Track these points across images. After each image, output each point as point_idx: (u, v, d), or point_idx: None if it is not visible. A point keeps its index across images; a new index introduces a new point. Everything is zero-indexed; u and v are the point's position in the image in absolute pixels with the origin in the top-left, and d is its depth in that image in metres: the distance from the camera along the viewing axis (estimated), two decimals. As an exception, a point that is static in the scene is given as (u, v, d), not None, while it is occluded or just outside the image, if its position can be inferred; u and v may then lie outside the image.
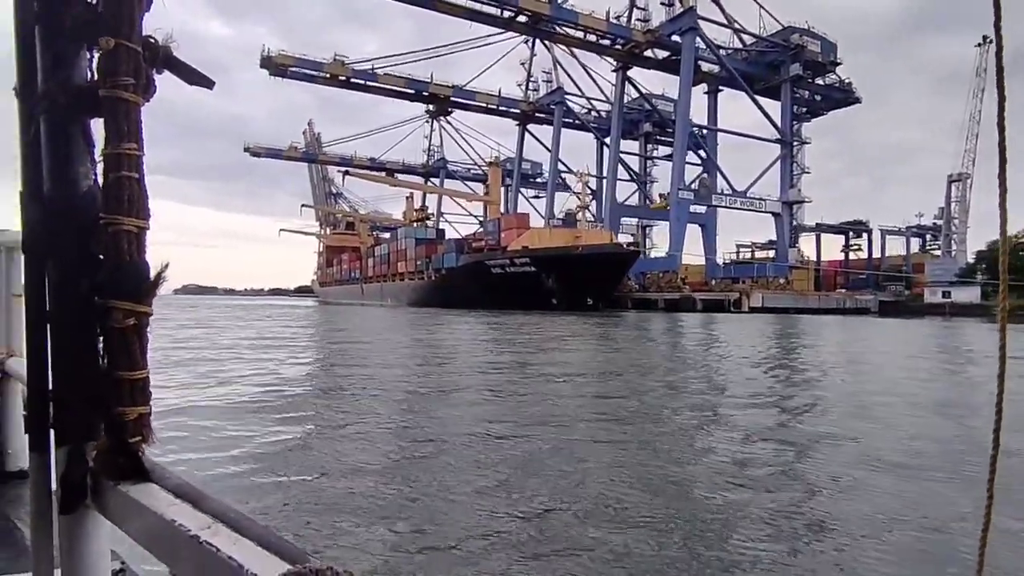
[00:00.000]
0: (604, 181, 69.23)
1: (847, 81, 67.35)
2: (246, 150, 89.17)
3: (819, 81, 65.60)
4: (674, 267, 56.15)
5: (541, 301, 48.73)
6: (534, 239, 52.16)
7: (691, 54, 56.23)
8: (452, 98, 73.69)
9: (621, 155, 67.49)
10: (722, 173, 59.95)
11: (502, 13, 55.59)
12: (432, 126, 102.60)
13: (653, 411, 7.81)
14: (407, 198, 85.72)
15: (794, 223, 62.70)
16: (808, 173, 62.25)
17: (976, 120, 62.36)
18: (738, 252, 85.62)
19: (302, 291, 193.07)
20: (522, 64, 79.93)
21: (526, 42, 77.59)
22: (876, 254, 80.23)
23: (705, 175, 62.81)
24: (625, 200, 69.92)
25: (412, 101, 74.21)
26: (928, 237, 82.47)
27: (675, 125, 73.20)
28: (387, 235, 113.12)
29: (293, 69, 63.46)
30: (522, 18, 55.99)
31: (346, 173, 66.79)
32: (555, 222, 64.38)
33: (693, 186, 60.26)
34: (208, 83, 0.99)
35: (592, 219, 63.40)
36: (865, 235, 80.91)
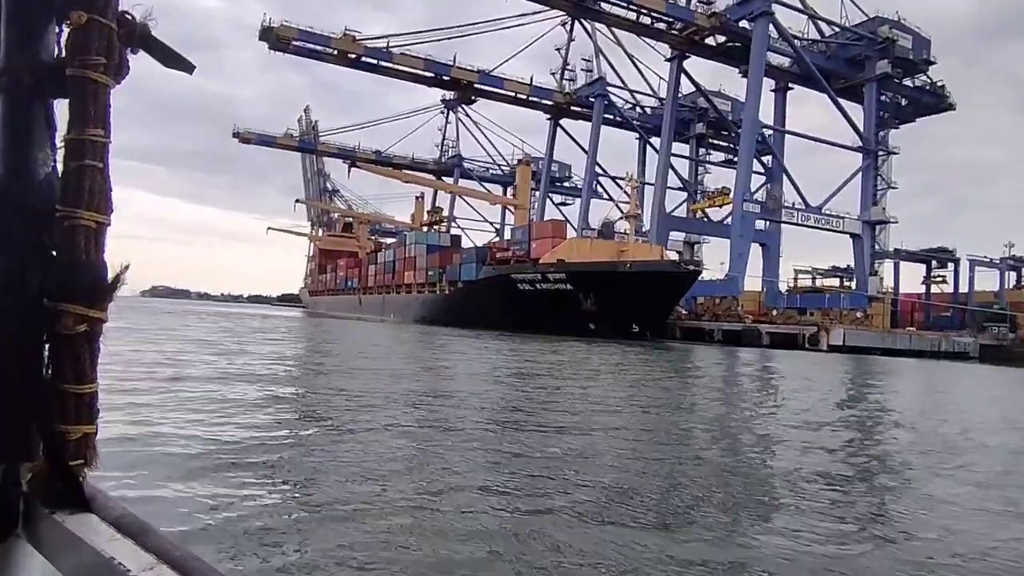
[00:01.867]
0: (646, 188, 67.08)
1: (939, 84, 65.13)
2: (235, 135, 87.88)
3: (906, 82, 63.37)
4: (735, 292, 53.83)
5: (577, 325, 46.85)
6: (571, 251, 50.16)
7: (763, 42, 54.28)
8: (477, 84, 71.97)
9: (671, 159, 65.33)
10: (794, 184, 57.76)
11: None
12: (448, 117, 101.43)
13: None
14: (417, 198, 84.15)
15: (875, 247, 60.09)
16: (895, 188, 59.90)
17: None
18: (796, 278, 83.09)
19: (287, 300, 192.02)
20: (557, 50, 78.45)
21: (563, 24, 76.31)
22: (962, 287, 77.31)
23: (768, 186, 60.56)
24: (672, 211, 67.66)
25: (430, 86, 72.60)
26: (1024, 270, 79.55)
27: (736, 126, 71.99)
28: (390, 240, 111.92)
29: (297, 43, 61.98)
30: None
31: (352, 165, 65.02)
32: (589, 233, 62.35)
33: (757, 197, 57.99)
34: (187, 67, 0.99)
35: (635, 231, 61.34)
36: (951, 265, 78.05)
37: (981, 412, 14.95)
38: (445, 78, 70.67)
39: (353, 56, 64.33)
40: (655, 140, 73.61)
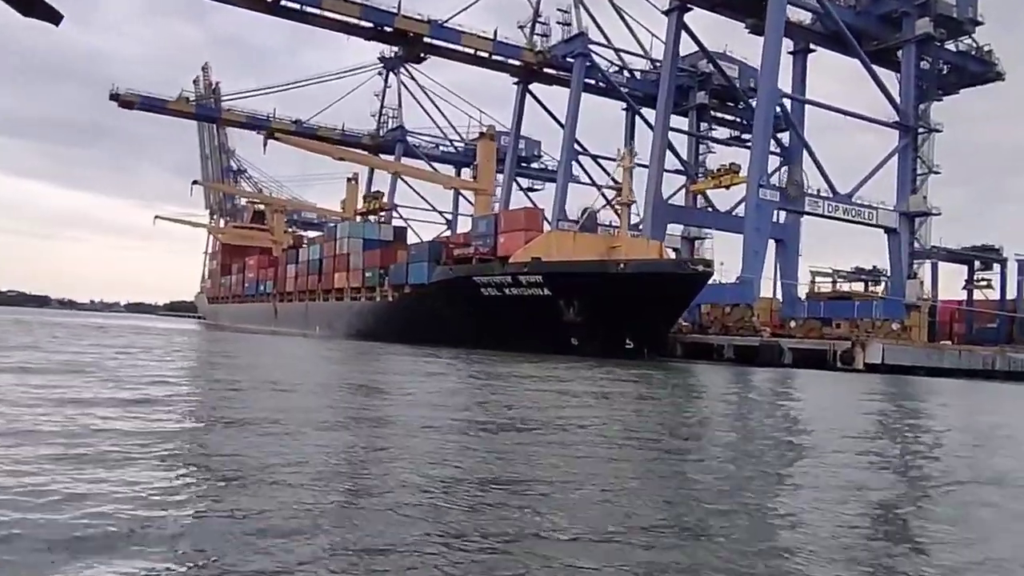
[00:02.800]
0: (636, 171, 66.56)
1: (987, 48, 66.43)
2: (113, 97, 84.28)
3: (948, 46, 64.41)
4: (749, 299, 53.69)
5: (556, 339, 46.04)
6: (549, 248, 49.22)
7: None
8: (428, 38, 70.41)
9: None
10: (819, 166, 57.91)
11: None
12: (387, 80, 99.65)
13: None
14: (349, 180, 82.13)
15: (914, 244, 60.78)
16: (938, 173, 60.56)
17: None
18: (813, 282, 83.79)
19: (178, 309, 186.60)
20: (527, -2, 77.27)
21: (535, -33, 75.41)
22: (1010, 293, 79.10)
23: (787, 169, 60.69)
24: (669, 198, 67.32)
25: (368, 39, 70.78)
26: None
27: (746, 95, 72.13)
28: (313, 233, 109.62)
29: (197, -21, 59.38)
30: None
31: (270, 136, 62.64)
32: (567, 224, 61.57)
33: (773, 182, 58.01)
34: (53, 17, 1.00)
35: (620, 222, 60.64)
36: (996, 267, 79.81)
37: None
38: (387, 29, 68.92)
39: (270, -2, 62.23)
40: (647, 112, 73.56)
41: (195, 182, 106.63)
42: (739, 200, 63.55)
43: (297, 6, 64.49)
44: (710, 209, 69.13)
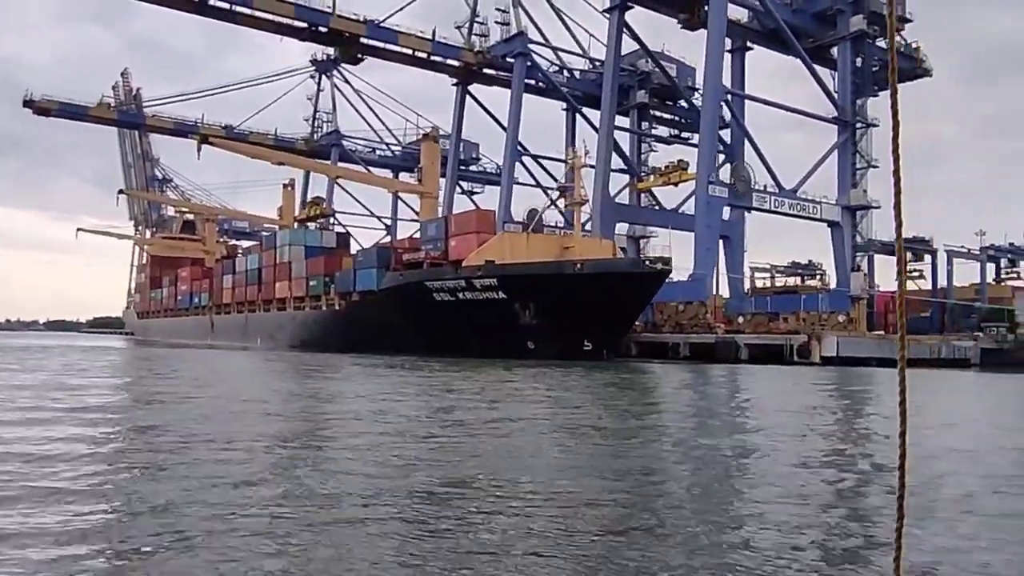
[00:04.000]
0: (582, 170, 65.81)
1: (914, 45, 68.01)
2: (28, 104, 79.52)
3: (881, 43, 65.64)
4: (702, 296, 53.55)
5: (513, 343, 45.17)
6: (503, 250, 48.14)
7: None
8: (364, 39, 68.26)
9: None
10: (765, 162, 58.14)
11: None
12: (320, 84, 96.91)
13: None
14: (285, 186, 79.46)
15: (856, 237, 61.65)
16: (876, 167, 61.50)
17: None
18: (752, 277, 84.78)
19: (103, 325, 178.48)
20: (464, -2, 75.95)
21: (470, -34, 74.19)
22: (941, 282, 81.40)
23: (733, 165, 60.81)
24: (614, 197, 66.82)
25: (302, 39, 68.32)
26: (1004, 262, 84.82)
27: (685, 93, 72.21)
28: (247, 243, 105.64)
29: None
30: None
31: (204, 141, 59.53)
32: (513, 227, 60.51)
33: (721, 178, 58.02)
34: None
35: (565, 222, 59.93)
36: (927, 258, 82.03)
37: None
38: (322, 29, 66.58)
39: (198, -3, 59.29)
40: (588, 112, 73.09)
41: (122, 191, 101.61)
42: (684, 198, 63.62)
43: (227, 6, 61.70)
44: (656, 207, 68.97)
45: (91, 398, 18.42)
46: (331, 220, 78.83)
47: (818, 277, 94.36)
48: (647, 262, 44.23)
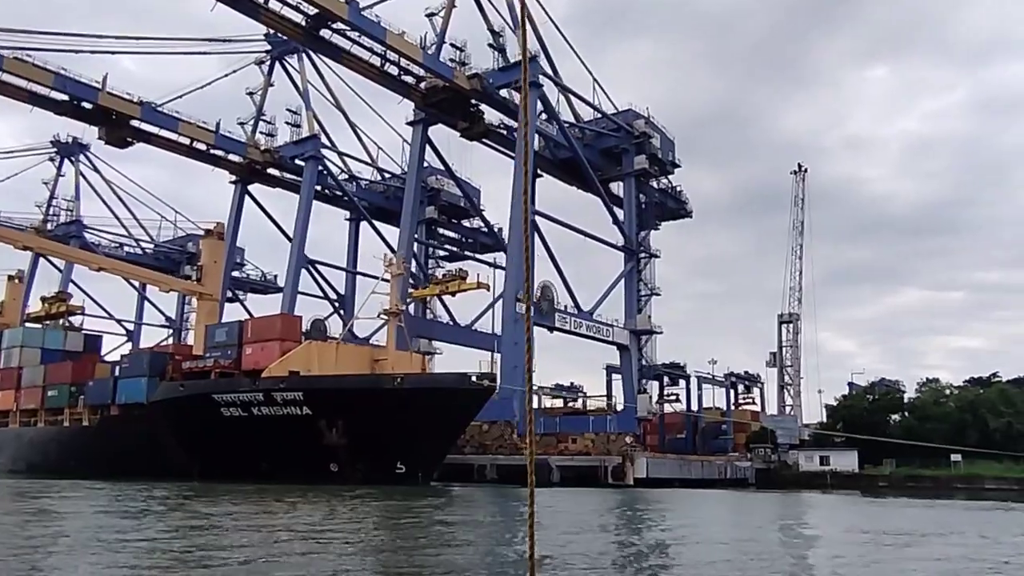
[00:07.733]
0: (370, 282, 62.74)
1: (678, 189, 74.63)
2: None
3: (652, 184, 71.19)
4: (509, 415, 51.68)
5: (315, 465, 40.18)
6: (310, 360, 43.26)
7: (534, 111, 55.95)
8: (138, 121, 60.56)
9: (393, 250, 61.52)
10: (566, 283, 59.17)
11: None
12: (61, 168, 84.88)
13: None
14: (11, 278, 66.89)
15: (642, 361, 64.04)
16: (658, 295, 64.97)
17: (797, 255, 73.31)
18: (540, 396, 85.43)
19: None
20: (250, 94, 71.54)
21: (260, 63, 70.55)
22: (693, 405, 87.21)
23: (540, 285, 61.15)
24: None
25: (61, 115, 59.06)
26: (741, 388, 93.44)
27: (471, 212, 72.64)
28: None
29: None
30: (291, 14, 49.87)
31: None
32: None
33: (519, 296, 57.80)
34: None
35: (348, 335, 55.98)
36: (682, 383, 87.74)
37: None
38: (86, 105, 58.18)
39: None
40: (376, 223, 70.83)
41: None
42: (481, 313, 62.71)
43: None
44: (452, 324, 67.16)
45: None
46: (76, 320, 66.36)
47: (579, 399, 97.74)
48: (474, 378, 41.46)
